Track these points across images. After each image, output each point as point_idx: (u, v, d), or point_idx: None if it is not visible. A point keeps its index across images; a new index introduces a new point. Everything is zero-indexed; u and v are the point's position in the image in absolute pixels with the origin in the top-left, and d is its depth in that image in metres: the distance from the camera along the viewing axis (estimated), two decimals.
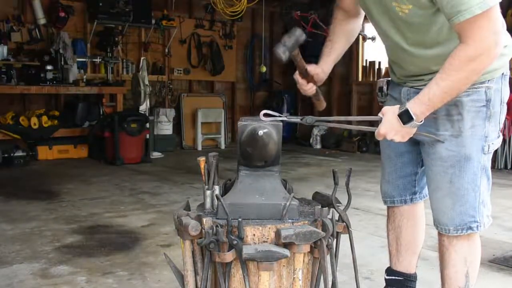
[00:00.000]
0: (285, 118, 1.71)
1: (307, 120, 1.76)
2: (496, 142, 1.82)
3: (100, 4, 7.19)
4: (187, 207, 1.76)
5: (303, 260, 1.59)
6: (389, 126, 1.66)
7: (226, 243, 1.53)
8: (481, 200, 1.81)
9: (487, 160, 1.81)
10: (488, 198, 1.84)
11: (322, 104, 2.05)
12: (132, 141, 6.77)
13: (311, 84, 1.94)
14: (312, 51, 3.33)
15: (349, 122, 2.09)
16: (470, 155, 1.77)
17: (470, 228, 1.81)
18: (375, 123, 1.71)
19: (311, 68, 1.92)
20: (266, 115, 1.68)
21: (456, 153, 1.78)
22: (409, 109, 1.62)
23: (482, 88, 1.75)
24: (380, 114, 1.69)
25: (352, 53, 8.72)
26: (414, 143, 1.96)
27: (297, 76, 1.93)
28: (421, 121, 1.64)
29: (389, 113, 1.66)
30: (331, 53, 2.01)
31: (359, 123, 1.90)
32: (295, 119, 1.77)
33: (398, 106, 1.67)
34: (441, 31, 1.68)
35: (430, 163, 1.86)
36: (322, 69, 1.96)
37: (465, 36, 1.53)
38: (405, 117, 1.63)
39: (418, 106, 1.62)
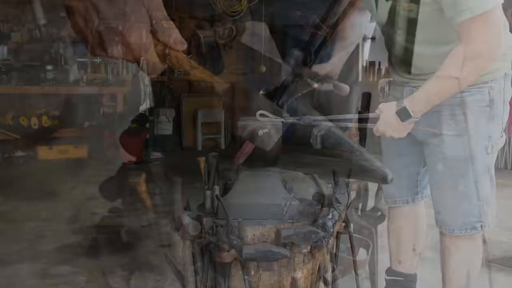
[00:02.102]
0: (282, 119, 1.71)
1: (305, 120, 1.75)
2: (499, 142, 1.82)
3: None
4: (187, 207, 1.76)
5: (303, 260, 1.58)
6: (387, 124, 1.66)
7: (226, 243, 1.53)
8: (485, 200, 1.81)
9: (491, 160, 1.81)
10: (492, 198, 1.84)
11: (345, 89, 2.02)
12: (132, 141, 6.77)
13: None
14: (311, 52, 3.32)
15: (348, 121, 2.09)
16: (474, 155, 1.77)
17: (474, 228, 1.81)
18: (373, 121, 1.71)
19: (321, 69, 1.91)
20: (262, 115, 1.68)
21: (460, 153, 1.77)
22: (406, 106, 1.62)
23: (485, 88, 1.75)
24: (377, 111, 1.69)
25: (352, 53, 8.69)
26: (416, 144, 1.96)
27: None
28: (418, 117, 1.65)
29: (387, 111, 1.66)
30: (342, 47, 2.00)
31: (358, 121, 1.90)
32: (293, 120, 1.77)
33: (395, 103, 1.67)
34: (446, 30, 1.67)
35: (434, 163, 1.86)
36: (334, 64, 1.97)
37: (464, 36, 1.53)
38: (403, 114, 1.63)
39: (416, 104, 1.62)
